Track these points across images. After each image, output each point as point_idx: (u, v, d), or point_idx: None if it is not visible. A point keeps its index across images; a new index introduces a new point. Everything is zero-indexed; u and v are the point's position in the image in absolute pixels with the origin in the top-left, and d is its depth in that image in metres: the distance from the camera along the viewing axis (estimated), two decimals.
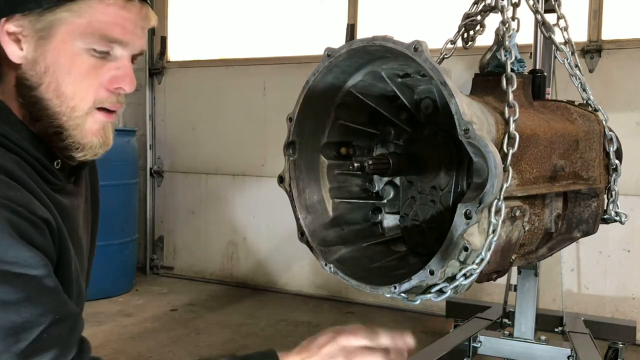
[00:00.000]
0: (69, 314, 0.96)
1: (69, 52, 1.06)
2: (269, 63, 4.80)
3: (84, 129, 1.10)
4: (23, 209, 0.94)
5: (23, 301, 0.89)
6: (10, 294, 0.88)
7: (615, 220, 2.14)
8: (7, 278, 0.89)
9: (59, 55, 1.06)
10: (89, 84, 1.08)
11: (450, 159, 1.69)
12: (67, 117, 1.08)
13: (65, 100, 1.07)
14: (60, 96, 1.07)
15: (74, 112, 1.08)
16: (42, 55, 1.06)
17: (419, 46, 1.44)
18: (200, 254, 5.21)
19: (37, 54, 1.06)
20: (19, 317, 0.88)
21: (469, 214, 1.40)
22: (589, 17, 3.84)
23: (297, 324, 4.04)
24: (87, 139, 1.11)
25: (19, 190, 0.98)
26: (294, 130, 1.73)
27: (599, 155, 2.04)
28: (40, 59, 1.06)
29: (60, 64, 1.06)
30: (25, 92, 1.07)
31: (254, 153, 4.86)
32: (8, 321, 0.87)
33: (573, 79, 2.23)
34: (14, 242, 0.90)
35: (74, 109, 1.08)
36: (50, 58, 1.06)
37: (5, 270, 0.89)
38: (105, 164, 1.44)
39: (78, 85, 1.07)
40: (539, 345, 2.74)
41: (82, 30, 1.06)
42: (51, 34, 1.05)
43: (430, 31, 3.64)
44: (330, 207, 1.82)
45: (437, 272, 1.44)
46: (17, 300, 0.89)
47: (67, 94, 1.07)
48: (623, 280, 3.83)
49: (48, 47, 1.06)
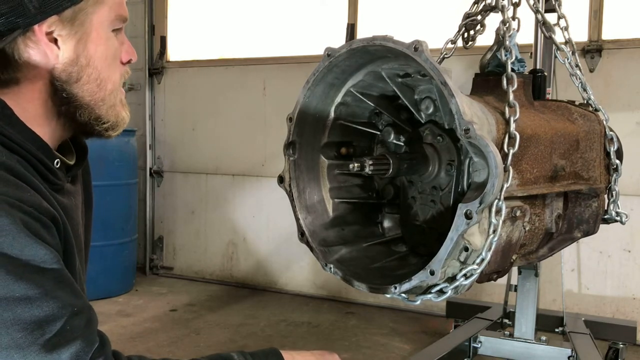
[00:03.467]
0: (85, 307, 0.98)
1: (103, 39, 1.13)
2: (269, 63, 4.80)
3: (116, 107, 1.18)
4: (33, 209, 0.97)
5: (44, 295, 0.92)
6: (31, 289, 0.91)
7: (616, 220, 2.14)
8: (26, 274, 0.91)
9: (97, 45, 1.12)
10: (116, 64, 1.17)
11: (451, 159, 1.68)
12: (105, 101, 1.15)
13: (103, 86, 1.14)
14: (100, 83, 1.13)
15: (111, 93, 1.16)
16: (84, 49, 1.10)
17: (419, 46, 1.43)
18: (200, 254, 5.20)
19: (79, 50, 1.10)
20: (42, 311, 0.91)
21: (470, 214, 1.40)
22: (589, 17, 3.84)
23: (297, 324, 4.04)
24: (120, 116, 1.19)
25: (28, 190, 1.00)
26: (294, 130, 1.72)
27: (599, 155, 2.04)
28: (82, 53, 1.10)
29: (99, 52, 1.12)
30: (66, 87, 1.10)
31: (254, 153, 4.86)
32: (32, 315, 0.90)
33: (573, 78, 2.23)
34: (29, 240, 0.93)
35: (110, 91, 1.16)
36: (91, 50, 1.11)
37: (23, 267, 0.91)
38: (105, 164, 1.46)
39: (110, 67, 1.15)
40: (540, 346, 2.74)
41: (108, 16, 1.12)
42: (89, 28, 1.10)
43: (430, 31, 3.64)
44: (331, 207, 1.82)
45: (437, 273, 1.44)
46: (38, 295, 0.91)
47: (105, 78, 1.14)
48: (623, 280, 3.83)
49: (88, 40, 1.11)
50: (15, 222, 0.92)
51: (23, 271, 0.91)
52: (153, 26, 5.31)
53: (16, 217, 0.93)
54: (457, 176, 1.67)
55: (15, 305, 0.89)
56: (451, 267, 1.50)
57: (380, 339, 3.76)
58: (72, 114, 1.13)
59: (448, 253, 1.43)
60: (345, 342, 3.70)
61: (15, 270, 0.90)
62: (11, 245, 0.91)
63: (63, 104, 1.12)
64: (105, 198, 4.39)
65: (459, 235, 1.41)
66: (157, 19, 5.32)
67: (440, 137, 1.69)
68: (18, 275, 0.90)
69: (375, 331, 3.91)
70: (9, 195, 0.94)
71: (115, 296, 4.55)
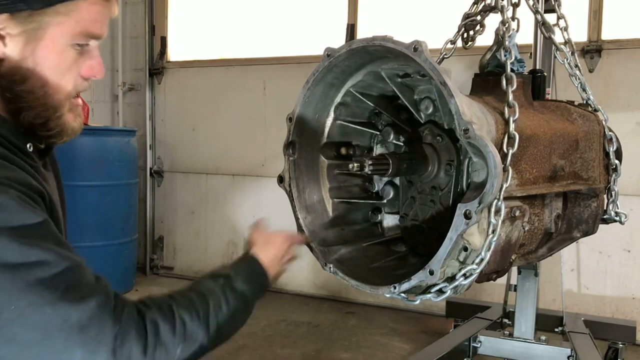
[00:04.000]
0: (84, 263, 1.07)
1: (58, 49, 1.14)
2: (269, 63, 4.80)
3: (65, 116, 1.19)
4: (23, 187, 1.04)
5: (56, 256, 1.00)
6: (44, 253, 0.99)
7: (615, 220, 2.14)
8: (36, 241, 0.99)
9: (48, 53, 1.13)
10: (71, 76, 1.18)
11: (450, 159, 1.69)
12: (52, 107, 1.17)
13: (50, 93, 1.15)
14: (47, 91, 1.15)
15: (58, 102, 1.17)
16: (32, 52, 1.12)
17: (418, 46, 1.44)
18: (200, 254, 5.20)
19: (27, 52, 1.12)
20: (59, 269, 0.99)
21: (469, 214, 1.40)
22: (589, 17, 3.84)
23: (297, 324, 4.04)
24: (68, 125, 1.20)
25: (14, 169, 1.07)
26: (294, 130, 1.73)
27: (598, 155, 2.04)
28: (29, 56, 1.12)
29: (49, 60, 1.14)
30: (12, 86, 1.13)
31: (254, 153, 4.86)
32: (51, 274, 0.98)
33: (573, 79, 2.23)
34: (29, 211, 1.01)
35: (58, 100, 1.17)
36: (40, 55, 1.13)
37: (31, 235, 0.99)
38: (105, 164, 1.49)
39: (62, 77, 1.16)
40: (539, 345, 2.74)
41: (71, 30, 1.14)
42: (42, 34, 1.12)
43: (430, 31, 3.64)
44: (330, 207, 1.83)
45: (436, 272, 1.44)
46: (52, 256, 1.00)
47: (53, 86, 1.15)
48: (623, 280, 3.83)
49: (39, 45, 1.12)
50: (13, 198, 0.99)
51: (32, 237, 0.99)
52: (153, 26, 5.31)
53: (11, 193, 1.00)
54: (457, 176, 1.67)
55: (34, 268, 0.97)
56: (450, 267, 1.51)
57: (380, 339, 3.77)
58: (17, 114, 1.15)
59: (447, 253, 1.43)
60: (345, 342, 3.70)
61: (26, 239, 0.98)
62: (16, 218, 0.98)
63: (9, 103, 1.14)
64: (106, 198, 4.39)
65: (458, 235, 1.42)
66: (157, 19, 5.32)
67: (440, 137, 1.70)
68: (29, 243, 0.98)
69: (375, 331, 3.91)
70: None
71: None
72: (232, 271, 1.32)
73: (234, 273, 1.31)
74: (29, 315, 0.95)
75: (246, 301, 1.28)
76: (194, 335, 1.12)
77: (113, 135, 4.56)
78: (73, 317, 0.97)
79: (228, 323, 1.21)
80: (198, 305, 1.16)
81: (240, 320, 1.27)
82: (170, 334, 1.08)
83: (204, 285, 1.24)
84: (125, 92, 5.36)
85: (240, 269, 1.35)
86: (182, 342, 1.09)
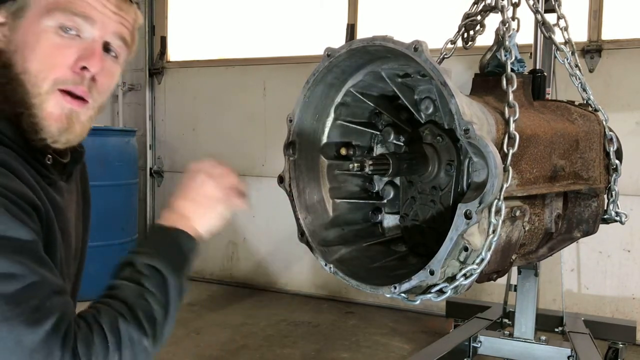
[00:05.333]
0: (63, 289, 1.02)
1: (35, 30, 1.09)
2: (269, 63, 4.80)
3: (45, 111, 1.10)
4: (14, 196, 1.00)
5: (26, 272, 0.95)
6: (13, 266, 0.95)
7: (615, 220, 2.14)
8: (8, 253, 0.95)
9: (26, 34, 1.09)
10: (52, 63, 1.09)
11: (450, 159, 1.68)
12: (30, 95, 1.09)
13: (29, 78, 1.08)
14: (25, 74, 1.08)
15: (35, 89, 1.09)
16: (14, 35, 1.10)
17: (419, 46, 1.44)
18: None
19: (12, 35, 1.10)
20: (24, 286, 0.95)
21: (469, 214, 1.40)
22: (589, 17, 3.84)
23: (297, 324, 4.04)
24: (45, 122, 1.10)
25: (13, 179, 1.02)
26: (294, 130, 1.73)
27: (599, 155, 2.04)
28: (13, 39, 1.10)
29: (27, 42, 1.09)
30: (1, 72, 1.10)
31: (254, 153, 4.86)
32: (15, 290, 0.94)
33: (573, 79, 2.23)
34: (10, 220, 0.97)
35: (35, 86, 1.08)
36: (20, 37, 1.10)
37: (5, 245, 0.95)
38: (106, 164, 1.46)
39: (41, 63, 1.08)
40: (539, 345, 2.74)
41: (48, 7, 1.09)
42: (22, 15, 1.10)
43: (430, 31, 3.64)
44: (330, 207, 1.82)
45: (437, 272, 1.44)
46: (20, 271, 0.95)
47: (31, 71, 1.08)
48: (623, 280, 3.83)
49: (19, 27, 1.10)
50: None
51: (6, 250, 0.95)
52: (153, 26, 5.31)
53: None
54: (457, 176, 1.67)
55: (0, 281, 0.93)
56: (451, 267, 1.51)
57: (380, 339, 3.77)
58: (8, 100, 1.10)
59: (448, 253, 1.43)
60: (345, 342, 3.70)
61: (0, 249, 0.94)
62: None
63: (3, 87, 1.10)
64: (106, 198, 4.38)
65: (458, 235, 1.42)
66: (157, 19, 5.32)
67: (440, 137, 1.70)
68: (1, 253, 0.94)
69: (375, 331, 3.91)
70: None
71: None
72: (131, 254, 1.13)
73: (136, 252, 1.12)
74: None
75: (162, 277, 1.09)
76: (131, 339, 1.01)
77: (113, 135, 4.56)
78: (26, 339, 0.93)
79: (157, 309, 1.07)
80: (118, 307, 1.03)
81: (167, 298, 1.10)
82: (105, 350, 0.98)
83: (116, 282, 1.09)
84: (125, 92, 5.36)
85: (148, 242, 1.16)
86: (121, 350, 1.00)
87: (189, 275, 1.17)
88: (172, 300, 1.11)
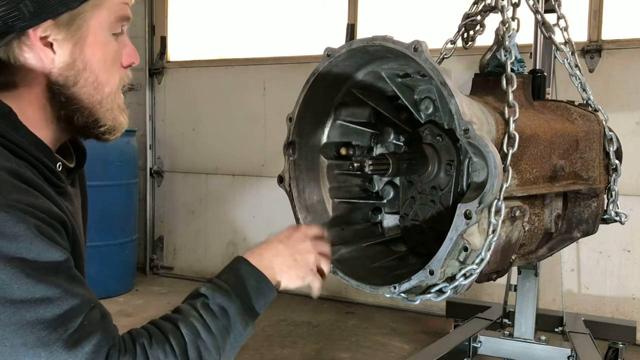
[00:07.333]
0: (97, 302, 1.04)
1: (101, 43, 1.12)
2: (269, 63, 4.80)
3: (114, 111, 1.17)
4: (45, 215, 1.00)
5: (63, 294, 0.96)
6: (50, 290, 0.95)
7: (615, 220, 2.14)
8: (45, 276, 0.95)
9: (95, 49, 1.11)
10: (116, 68, 1.16)
11: (450, 159, 1.68)
12: (102, 104, 1.15)
13: (101, 89, 1.14)
14: (97, 87, 1.13)
15: (108, 97, 1.15)
16: (80, 53, 1.10)
17: (418, 46, 1.44)
18: (200, 254, 5.20)
19: (76, 54, 1.10)
20: (62, 309, 0.95)
21: (469, 214, 1.40)
22: (589, 17, 3.84)
23: (297, 324, 4.04)
24: (117, 120, 1.18)
25: (39, 197, 1.02)
26: (294, 130, 1.72)
27: (599, 155, 2.04)
28: (79, 57, 1.10)
29: (96, 56, 1.12)
30: (63, 91, 1.11)
31: (254, 153, 4.86)
32: (53, 314, 0.94)
33: (573, 79, 2.23)
34: (44, 243, 0.97)
35: (108, 94, 1.15)
36: (88, 54, 1.11)
37: (41, 269, 0.95)
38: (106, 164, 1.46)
39: (109, 71, 1.15)
40: (539, 345, 2.74)
41: (107, 20, 1.12)
42: (85, 32, 1.10)
43: (430, 31, 3.64)
44: (330, 207, 1.82)
45: (437, 272, 1.44)
46: (58, 294, 0.95)
47: (102, 82, 1.14)
48: (623, 280, 3.83)
49: (85, 44, 1.10)
50: (30, 228, 0.95)
51: (42, 273, 0.95)
52: (153, 26, 5.31)
53: (30, 222, 0.96)
54: (457, 176, 1.67)
55: (37, 306, 0.94)
56: (450, 267, 1.51)
57: (380, 339, 3.77)
58: (70, 117, 1.13)
59: (447, 253, 1.43)
60: (345, 342, 3.70)
61: (35, 273, 0.94)
62: (29, 250, 0.94)
63: (61, 108, 1.12)
64: (106, 198, 4.39)
65: (458, 235, 1.42)
66: (157, 19, 5.32)
67: (440, 137, 1.70)
68: (37, 278, 0.94)
69: (375, 331, 3.91)
70: (21, 202, 0.97)
71: (115, 296, 4.55)
72: (211, 285, 1.17)
73: (212, 288, 1.16)
74: (21, 355, 0.92)
75: (228, 317, 1.14)
76: None
77: None
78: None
79: (213, 347, 1.08)
80: (172, 338, 1.04)
81: (229, 340, 1.13)
82: None
83: (180, 311, 1.11)
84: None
85: (223, 280, 1.19)
86: None
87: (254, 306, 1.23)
88: (229, 347, 1.14)
